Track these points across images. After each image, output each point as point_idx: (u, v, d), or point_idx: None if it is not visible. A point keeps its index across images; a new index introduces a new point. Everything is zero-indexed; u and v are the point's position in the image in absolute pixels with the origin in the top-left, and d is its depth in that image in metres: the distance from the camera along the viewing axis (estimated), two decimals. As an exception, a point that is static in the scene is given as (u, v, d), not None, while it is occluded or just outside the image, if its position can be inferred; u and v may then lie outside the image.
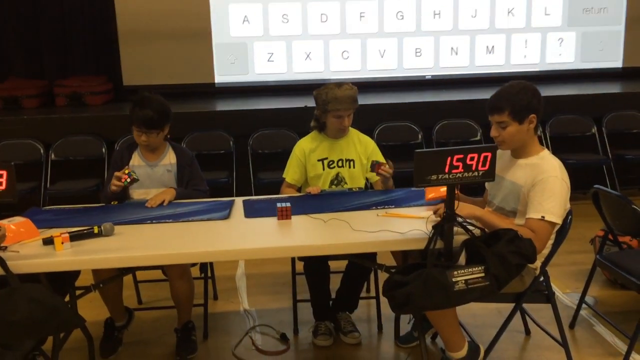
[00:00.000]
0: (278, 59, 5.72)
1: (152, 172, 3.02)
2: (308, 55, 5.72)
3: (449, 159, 2.13)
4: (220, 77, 5.71)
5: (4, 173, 2.11)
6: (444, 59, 5.88)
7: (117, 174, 2.84)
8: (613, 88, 5.64)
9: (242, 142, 4.89)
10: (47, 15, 5.57)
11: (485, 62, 5.91)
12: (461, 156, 2.14)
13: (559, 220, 2.35)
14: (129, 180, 2.82)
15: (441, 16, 5.79)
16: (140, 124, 2.91)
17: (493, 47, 5.89)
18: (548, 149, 2.55)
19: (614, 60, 6.05)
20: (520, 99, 2.40)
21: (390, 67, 5.83)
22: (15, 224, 2.41)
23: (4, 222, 2.40)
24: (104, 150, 4.76)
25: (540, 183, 2.35)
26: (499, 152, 2.60)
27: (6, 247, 2.27)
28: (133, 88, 5.42)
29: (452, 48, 5.85)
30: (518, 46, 5.91)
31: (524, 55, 5.92)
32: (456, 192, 2.23)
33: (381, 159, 3.12)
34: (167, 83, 5.56)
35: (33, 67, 5.66)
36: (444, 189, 2.34)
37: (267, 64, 5.72)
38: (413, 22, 5.77)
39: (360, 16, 5.69)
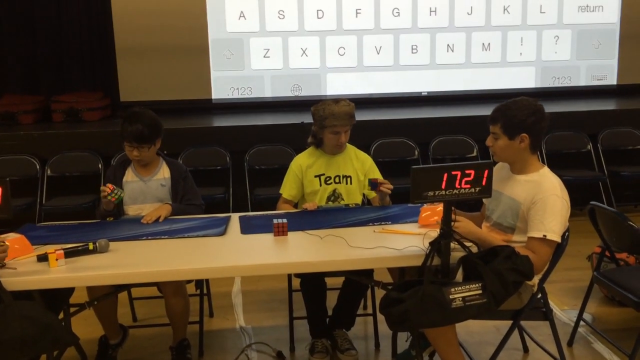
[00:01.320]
0: (276, 75, 5.74)
1: (146, 187, 3.01)
2: (304, 72, 5.75)
3: (446, 175, 2.13)
4: (217, 93, 5.72)
5: (-1, 189, 2.10)
6: (440, 75, 5.91)
7: (102, 189, 2.82)
8: (608, 105, 5.68)
9: (238, 157, 4.88)
10: (44, 30, 5.58)
11: (480, 79, 5.93)
12: (458, 172, 2.14)
13: (559, 239, 2.35)
14: (115, 194, 2.80)
15: (437, 30, 5.83)
16: (131, 139, 2.90)
17: (489, 64, 5.93)
18: (545, 166, 2.56)
19: (608, 77, 6.10)
20: (514, 116, 2.41)
21: (387, 83, 5.86)
22: (9, 240, 2.38)
23: (-2, 238, 2.38)
24: (100, 166, 4.75)
25: (540, 201, 2.35)
26: (498, 166, 2.62)
27: (4, 265, 2.25)
28: (130, 104, 5.40)
29: (448, 64, 5.88)
30: (514, 63, 5.95)
31: (519, 73, 5.96)
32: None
33: (379, 176, 3.12)
34: (164, 99, 5.57)
35: (30, 83, 5.66)
36: (440, 207, 2.33)
37: (266, 84, 5.73)
38: (410, 35, 5.81)
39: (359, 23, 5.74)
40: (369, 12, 5.73)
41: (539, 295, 2.47)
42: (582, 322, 3.05)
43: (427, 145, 5.03)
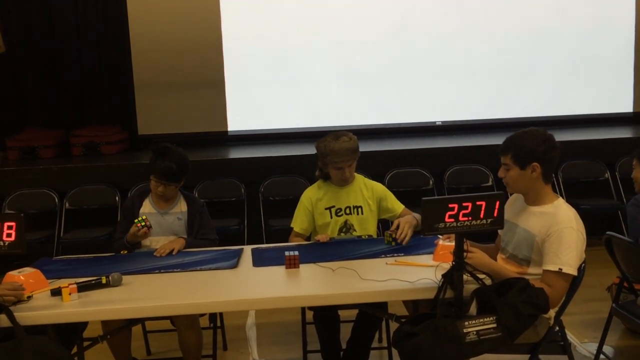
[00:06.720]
0: (290, 107, 5.80)
1: (162, 220, 3.04)
2: (319, 103, 5.80)
3: (457, 206, 2.12)
4: (233, 125, 5.79)
5: (14, 224, 2.14)
6: (454, 105, 5.91)
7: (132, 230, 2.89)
8: (625, 133, 5.63)
9: (253, 189, 4.91)
10: (64, 66, 5.72)
11: (494, 108, 5.93)
12: (469, 204, 2.13)
13: (575, 272, 2.32)
14: (144, 225, 2.85)
15: (450, 60, 5.85)
16: (160, 176, 2.93)
17: (503, 93, 5.92)
18: (561, 195, 2.53)
19: (625, 105, 6.05)
20: (524, 145, 2.41)
21: (401, 113, 5.88)
22: (24, 274, 2.41)
23: (14, 273, 2.41)
24: (117, 198, 4.80)
25: (555, 234, 2.32)
26: (512, 197, 2.60)
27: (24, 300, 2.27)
28: (148, 137, 5.52)
29: (462, 94, 5.89)
30: (528, 92, 5.93)
31: (534, 101, 5.95)
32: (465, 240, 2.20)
33: (394, 201, 3.11)
34: (181, 132, 5.65)
35: (50, 118, 5.78)
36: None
37: (280, 112, 5.80)
38: (424, 66, 5.84)
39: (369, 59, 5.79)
40: (384, 44, 5.77)
41: (557, 329, 2.42)
42: (602, 356, 2.97)
43: (442, 175, 5.01)
